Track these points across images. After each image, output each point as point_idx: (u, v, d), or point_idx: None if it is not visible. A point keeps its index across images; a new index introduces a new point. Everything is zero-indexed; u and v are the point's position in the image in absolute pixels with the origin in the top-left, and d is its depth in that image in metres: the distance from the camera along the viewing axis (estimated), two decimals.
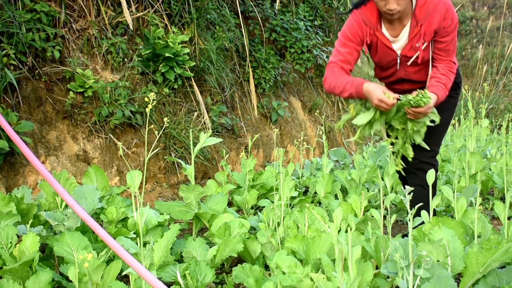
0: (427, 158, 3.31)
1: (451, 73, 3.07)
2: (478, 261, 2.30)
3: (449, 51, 3.06)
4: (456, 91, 3.31)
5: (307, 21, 7.38)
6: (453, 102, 3.32)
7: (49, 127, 4.25)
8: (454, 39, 3.04)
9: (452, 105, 3.32)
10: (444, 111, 3.17)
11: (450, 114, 3.31)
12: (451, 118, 3.35)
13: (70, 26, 4.53)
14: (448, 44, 3.04)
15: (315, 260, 2.54)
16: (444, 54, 3.08)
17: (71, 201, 1.70)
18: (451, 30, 3.00)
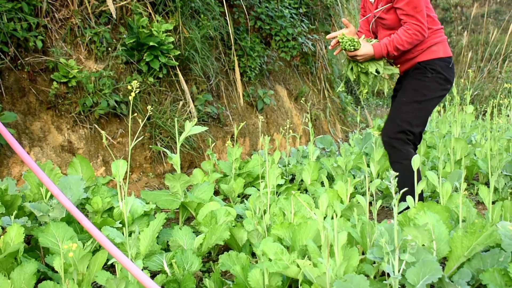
0: (393, 134, 3.42)
1: (406, 33, 3.25)
2: (462, 245, 2.32)
3: (409, 16, 3.24)
4: (426, 74, 3.39)
5: (292, 9, 7.37)
6: (420, 84, 3.40)
7: (33, 118, 4.21)
8: (411, 4, 3.20)
9: (419, 87, 3.40)
10: (410, 91, 3.40)
11: (417, 94, 3.38)
12: (421, 99, 3.38)
13: (52, 15, 4.49)
14: (406, 10, 3.24)
15: (301, 246, 2.55)
16: (406, 17, 3.27)
17: (56, 191, 1.69)
18: None
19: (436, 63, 3.39)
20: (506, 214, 3.05)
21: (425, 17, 3.28)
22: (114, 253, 1.55)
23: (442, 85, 3.41)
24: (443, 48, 3.42)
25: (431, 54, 3.39)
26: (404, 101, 3.42)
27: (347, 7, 9.05)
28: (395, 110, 3.50)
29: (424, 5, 3.27)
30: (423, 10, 3.26)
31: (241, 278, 2.42)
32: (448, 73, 3.42)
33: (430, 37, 3.38)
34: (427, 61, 3.39)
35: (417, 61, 3.42)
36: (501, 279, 2.17)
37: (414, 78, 3.42)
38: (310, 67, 8.24)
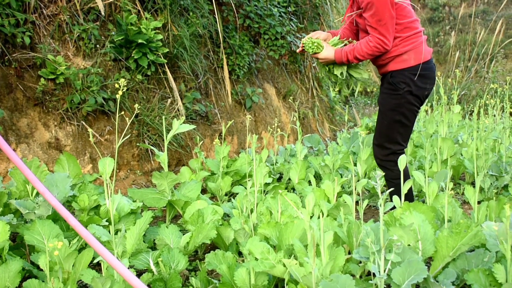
0: (384, 157, 3.51)
1: (367, 44, 3.31)
2: (448, 245, 2.33)
3: (372, 28, 3.28)
4: (397, 91, 3.42)
5: (281, 8, 7.37)
6: (394, 103, 3.45)
7: (19, 114, 4.19)
8: (375, 17, 3.24)
9: (394, 106, 3.45)
10: (387, 111, 3.47)
11: (395, 114, 3.44)
12: (400, 118, 3.44)
13: (40, 11, 4.46)
14: (370, 22, 3.28)
15: (287, 246, 2.56)
16: (370, 29, 3.31)
17: (42, 188, 1.68)
18: (365, 7, 3.27)
19: (406, 75, 3.41)
20: (491, 214, 3.08)
21: (389, 30, 3.30)
22: (100, 251, 1.55)
23: (416, 96, 3.44)
24: (415, 55, 3.40)
25: (401, 63, 3.41)
26: (385, 123, 3.50)
27: (335, 6, 9.07)
28: (379, 133, 3.56)
29: (390, 17, 3.28)
30: (387, 23, 3.28)
31: (227, 277, 2.43)
32: (422, 81, 3.42)
33: (400, 45, 3.39)
34: (397, 72, 3.42)
35: (388, 70, 3.46)
36: (485, 279, 2.19)
37: (387, 95, 3.48)
38: (298, 65, 8.25)
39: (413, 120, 3.52)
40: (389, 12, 3.25)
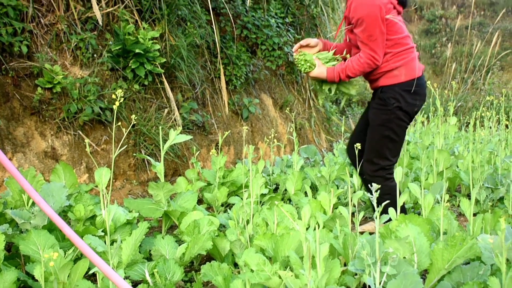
0: (372, 172, 3.57)
1: (358, 61, 3.38)
2: (443, 258, 2.34)
3: (363, 44, 3.36)
4: (387, 107, 3.48)
5: (279, 18, 7.39)
6: (384, 118, 3.51)
7: (16, 123, 4.19)
8: (366, 33, 3.31)
9: (384, 121, 3.50)
10: (376, 126, 3.53)
11: (384, 129, 3.50)
12: (389, 134, 3.50)
13: (38, 20, 4.47)
14: (361, 37, 3.35)
15: (283, 257, 2.56)
16: (360, 45, 3.39)
17: (38, 198, 1.68)
18: (355, 23, 3.35)
19: (396, 91, 3.46)
20: (486, 227, 3.08)
21: (380, 45, 3.36)
22: (96, 261, 1.54)
23: (406, 112, 3.49)
24: (405, 71, 3.45)
25: (392, 79, 3.46)
26: (374, 138, 3.55)
27: (333, 17, 9.09)
28: (369, 148, 3.61)
29: (380, 33, 3.34)
30: (378, 38, 3.34)
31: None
32: (412, 97, 3.47)
33: (391, 61, 3.45)
34: (388, 87, 3.48)
35: (379, 85, 3.52)
36: None
37: (377, 109, 3.53)
38: (295, 76, 8.27)
39: (402, 135, 3.56)
40: (380, 28, 3.31)
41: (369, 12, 3.29)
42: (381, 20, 3.31)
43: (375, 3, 3.30)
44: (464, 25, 22.68)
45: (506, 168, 5.21)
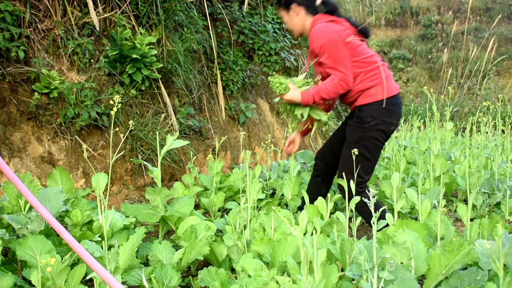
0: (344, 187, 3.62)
1: (331, 83, 3.48)
2: (440, 263, 2.34)
3: (331, 68, 3.49)
4: (363, 125, 3.58)
5: (275, 24, 7.41)
6: (360, 136, 3.61)
7: (13, 128, 4.18)
8: (331, 58, 3.47)
9: (359, 139, 3.60)
10: (352, 144, 3.61)
11: (359, 147, 3.54)
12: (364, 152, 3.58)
13: (35, 26, 4.47)
14: (328, 63, 3.50)
15: (281, 263, 2.55)
16: (330, 70, 3.52)
17: (35, 202, 1.68)
18: (319, 52, 3.53)
19: (374, 109, 3.55)
20: (483, 232, 3.09)
21: (348, 66, 3.47)
22: (93, 265, 1.54)
23: (382, 130, 3.58)
24: (382, 90, 3.54)
25: (369, 97, 3.56)
26: (348, 154, 3.58)
27: None
28: (342, 164, 3.70)
29: (345, 55, 3.48)
30: (344, 61, 3.47)
31: None
32: (388, 116, 3.57)
33: (366, 80, 3.55)
34: (365, 106, 3.56)
35: (357, 104, 3.60)
36: None
37: (354, 127, 3.63)
38: None
39: (376, 155, 3.66)
40: (343, 50, 3.47)
41: (329, 39, 3.47)
42: (343, 43, 3.48)
43: (332, 30, 3.51)
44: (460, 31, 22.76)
45: (502, 173, 5.22)
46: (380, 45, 24.81)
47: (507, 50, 21.59)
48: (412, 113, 11.84)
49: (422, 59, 23.76)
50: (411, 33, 25.39)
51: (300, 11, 3.72)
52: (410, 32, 25.49)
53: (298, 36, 3.89)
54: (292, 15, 3.76)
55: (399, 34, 25.53)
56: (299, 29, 3.80)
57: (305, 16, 3.72)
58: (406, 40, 24.89)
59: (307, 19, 3.72)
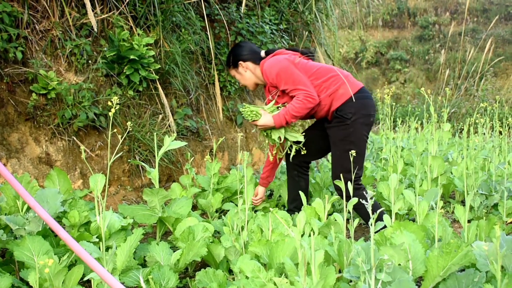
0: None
1: (298, 101, 3.66)
2: (438, 265, 2.34)
3: (294, 90, 3.69)
4: (345, 122, 3.74)
5: (273, 25, 7.40)
6: (344, 133, 3.77)
7: (10, 129, 4.18)
8: (289, 81, 3.70)
9: (344, 136, 3.77)
10: (337, 142, 3.80)
11: (345, 143, 3.75)
12: (351, 147, 3.71)
13: (33, 27, 4.46)
14: (288, 88, 3.72)
15: (278, 264, 2.55)
16: (292, 92, 3.72)
17: (33, 202, 1.68)
18: (277, 83, 3.76)
19: (350, 106, 3.72)
20: (481, 234, 3.09)
21: (306, 83, 3.68)
22: (92, 265, 1.54)
23: (363, 123, 3.76)
24: (346, 88, 3.73)
25: (341, 97, 3.73)
26: (338, 154, 3.78)
27: (327, 23, 9.12)
28: (334, 165, 3.84)
29: (299, 75, 3.70)
30: (301, 79, 3.68)
31: None
32: (365, 109, 3.76)
33: (330, 86, 3.76)
34: (341, 106, 3.73)
35: (334, 108, 3.77)
36: None
37: (336, 127, 3.78)
38: None
39: (363, 148, 3.81)
40: (296, 71, 3.71)
41: (280, 67, 3.73)
42: (293, 65, 3.73)
43: (280, 59, 3.79)
44: (457, 32, 22.81)
45: (500, 175, 5.23)
46: (377, 46, 24.84)
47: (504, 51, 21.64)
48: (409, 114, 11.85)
49: (419, 60, 23.79)
50: (408, 34, 25.42)
51: (248, 66, 4.03)
52: (407, 33, 25.52)
53: (254, 88, 4.21)
54: (242, 72, 4.08)
55: (396, 35, 25.57)
56: (252, 82, 4.12)
57: (253, 67, 4.03)
58: (404, 41, 24.93)
59: (256, 68, 4.02)
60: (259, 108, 3.84)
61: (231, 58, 4.09)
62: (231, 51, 4.10)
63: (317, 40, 8.57)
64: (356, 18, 13.84)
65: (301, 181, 4.21)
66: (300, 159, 4.12)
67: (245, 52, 4.04)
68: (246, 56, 4.02)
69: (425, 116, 7.51)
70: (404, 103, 19.43)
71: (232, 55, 4.08)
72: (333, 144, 3.83)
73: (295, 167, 4.17)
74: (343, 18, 11.40)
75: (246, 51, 4.05)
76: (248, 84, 4.14)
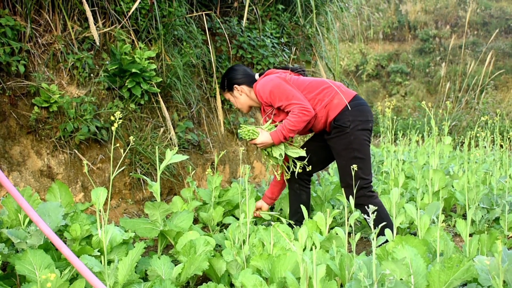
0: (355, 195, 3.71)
1: (294, 115, 3.68)
2: (440, 280, 2.34)
3: (288, 105, 3.72)
4: (345, 131, 3.76)
5: (274, 38, 7.43)
6: (345, 141, 3.78)
7: (12, 142, 4.19)
8: (283, 98, 3.74)
9: (346, 145, 3.78)
10: (341, 152, 3.80)
11: (349, 152, 3.77)
12: (356, 154, 3.75)
13: (35, 40, 4.49)
14: (283, 105, 3.75)
15: (280, 278, 2.55)
16: (287, 108, 3.75)
17: (36, 217, 1.69)
18: (271, 101, 3.80)
19: (347, 114, 3.75)
20: (483, 248, 3.09)
21: (300, 97, 3.72)
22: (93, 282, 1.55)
23: (362, 129, 3.77)
24: (340, 98, 3.78)
25: (336, 107, 3.77)
26: (344, 163, 3.78)
27: (328, 37, 9.15)
28: (343, 175, 3.84)
29: (291, 90, 3.74)
30: (295, 94, 3.72)
31: None
32: (362, 115, 3.79)
33: (324, 97, 3.80)
34: (338, 116, 3.77)
35: (331, 119, 3.80)
36: None
37: (337, 137, 3.80)
38: None
39: (367, 153, 3.82)
40: (288, 87, 3.75)
41: (272, 85, 3.78)
42: (285, 82, 3.77)
43: (271, 77, 3.85)
44: (457, 45, 22.86)
45: (501, 188, 5.23)
46: (378, 59, 24.90)
47: (504, 64, 21.68)
48: (410, 127, 11.86)
49: (420, 73, 23.83)
50: (408, 47, 25.48)
51: (243, 89, 4.07)
52: (408, 46, 25.58)
53: (247, 111, 4.23)
54: (237, 95, 4.11)
55: (397, 48, 25.62)
56: (247, 105, 4.16)
57: (248, 90, 4.07)
58: (404, 54, 24.98)
59: (251, 91, 4.05)
60: (257, 127, 3.87)
61: (225, 82, 4.12)
62: (225, 74, 4.13)
63: (318, 53, 8.59)
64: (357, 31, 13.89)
65: (303, 194, 4.22)
66: (302, 172, 4.10)
67: (239, 75, 4.07)
68: (240, 80, 4.06)
69: (426, 129, 7.52)
70: (405, 116, 19.45)
71: (227, 78, 4.10)
72: (337, 155, 3.84)
73: (297, 180, 4.18)
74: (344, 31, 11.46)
75: (240, 74, 4.08)
76: (242, 107, 4.18)
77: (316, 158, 4.11)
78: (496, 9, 25.56)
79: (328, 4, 8.48)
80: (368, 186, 3.76)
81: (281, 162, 3.95)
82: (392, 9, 26.82)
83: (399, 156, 6.64)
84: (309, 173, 4.18)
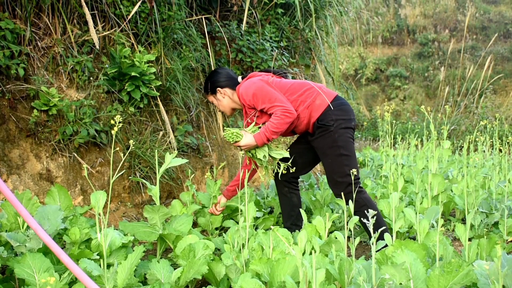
0: (342, 191, 3.76)
1: (276, 117, 3.69)
2: (439, 284, 2.34)
3: (271, 108, 3.73)
4: (329, 130, 3.80)
5: (273, 42, 7.44)
6: (330, 140, 3.83)
7: (11, 145, 4.19)
8: (265, 100, 3.75)
9: (331, 143, 3.82)
10: (327, 150, 3.84)
11: (335, 149, 3.81)
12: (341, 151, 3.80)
13: (35, 43, 4.49)
14: (266, 107, 3.75)
15: (279, 282, 2.55)
16: (270, 110, 3.76)
17: (34, 224, 1.68)
18: (254, 103, 3.81)
19: (329, 114, 3.80)
20: (482, 252, 3.09)
21: (283, 99, 3.74)
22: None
23: (345, 127, 3.82)
24: (322, 98, 3.82)
25: (319, 108, 3.81)
26: (330, 162, 3.84)
27: (327, 41, 9.16)
28: (330, 173, 3.89)
29: (274, 92, 3.77)
30: (277, 96, 3.74)
31: None
32: (344, 114, 3.84)
33: (306, 99, 3.84)
34: (321, 116, 3.81)
35: (314, 120, 3.83)
36: None
37: (321, 137, 3.83)
38: None
39: (352, 149, 3.86)
40: (270, 90, 3.78)
41: (255, 87, 3.79)
42: (268, 84, 3.80)
43: (254, 80, 3.86)
44: (456, 49, 22.90)
45: (500, 193, 5.23)
46: (377, 63, 24.93)
47: (503, 68, 21.71)
48: (409, 131, 11.86)
49: (419, 77, 23.86)
50: (407, 51, 25.51)
51: (226, 92, 4.06)
52: (407, 50, 25.61)
53: (230, 113, 4.23)
54: (220, 97, 4.10)
55: (396, 52, 25.66)
56: (230, 107, 4.15)
57: (231, 93, 4.07)
58: (403, 58, 25.01)
59: (234, 94, 4.06)
60: (240, 130, 3.89)
61: (209, 85, 4.13)
62: (208, 77, 4.14)
63: (317, 57, 8.61)
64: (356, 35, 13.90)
65: (293, 197, 4.23)
66: (289, 175, 4.13)
67: (222, 78, 4.08)
68: (224, 83, 4.07)
69: (425, 133, 7.52)
70: (403, 120, 19.47)
71: (210, 81, 4.11)
72: (323, 154, 3.88)
73: (285, 183, 4.20)
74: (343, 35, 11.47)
75: (223, 77, 4.09)
76: (225, 110, 4.19)
77: (302, 161, 4.13)
78: (495, 13, 25.61)
79: (327, 8, 8.50)
80: (356, 182, 3.78)
81: (265, 164, 3.97)
82: (391, 13, 26.87)
83: (398, 160, 6.64)
84: (296, 175, 4.20)
